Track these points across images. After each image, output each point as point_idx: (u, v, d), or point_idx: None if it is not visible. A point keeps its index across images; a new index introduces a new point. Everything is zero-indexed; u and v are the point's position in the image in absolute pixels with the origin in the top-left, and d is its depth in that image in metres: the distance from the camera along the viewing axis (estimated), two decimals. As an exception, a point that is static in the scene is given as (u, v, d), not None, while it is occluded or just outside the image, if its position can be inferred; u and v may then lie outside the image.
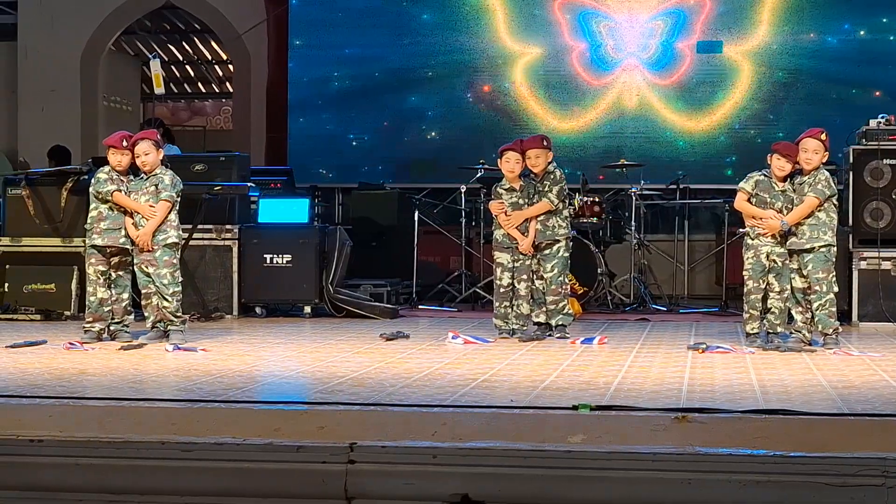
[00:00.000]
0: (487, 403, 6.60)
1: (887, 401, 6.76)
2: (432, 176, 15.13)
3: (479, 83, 15.35)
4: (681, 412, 6.14)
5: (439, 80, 15.38)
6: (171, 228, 9.72)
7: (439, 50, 15.35)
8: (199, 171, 12.17)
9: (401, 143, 15.45)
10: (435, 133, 15.36)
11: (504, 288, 10.19)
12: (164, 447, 5.57)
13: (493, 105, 15.33)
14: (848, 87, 14.75)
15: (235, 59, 17.29)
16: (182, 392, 7.03)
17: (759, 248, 9.42)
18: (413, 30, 15.40)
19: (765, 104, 14.91)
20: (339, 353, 9.14)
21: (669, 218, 14.79)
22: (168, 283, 9.63)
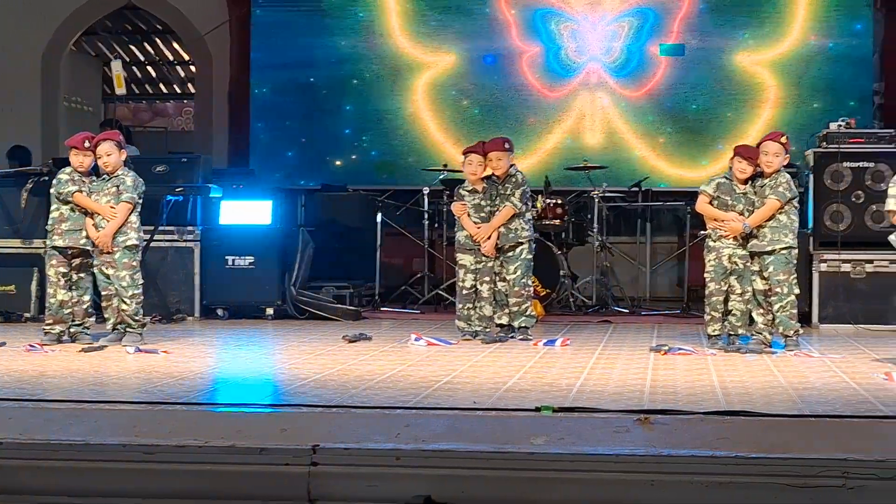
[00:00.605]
0: (450, 405, 6.60)
1: (847, 402, 6.80)
2: (395, 178, 15.12)
3: (442, 86, 15.33)
4: (643, 414, 6.16)
5: (402, 81, 15.36)
6: (131, 230, 9.67)
7: (403, 52, 15.33)
8: (161, 173, 12.13)
9: (363, 144, 15.42)
10: (398, 135, 15.33)
11: (467, 290, 10.20)
12: (126, 450, 5.54)
13: (458, 107, 15.31)
14: (809, 91, 14.81)
15: (197, 60, 17.22)
16: (143, 394, 7.00)
17: (720, 250, 9.46)
18: (375, 32, 15.36)
19: (725, 105, 14.96)
20: (301, 354, 9.12)
21: (632, 220, 14.83)
22: (127, 286, 9.59)
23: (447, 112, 15.34)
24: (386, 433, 5.71)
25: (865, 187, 11.66)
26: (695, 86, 15.02)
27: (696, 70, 15.00)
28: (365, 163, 15.39)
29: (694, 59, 14.99)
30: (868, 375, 7.96)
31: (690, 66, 15.00)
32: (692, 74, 15.01)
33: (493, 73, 15.24)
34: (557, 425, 5.93)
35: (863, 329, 11.22)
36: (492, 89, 15.27)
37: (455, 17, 15.32)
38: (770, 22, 14.94)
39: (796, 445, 5.49)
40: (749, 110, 14.88)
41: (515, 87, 15.21)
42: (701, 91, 15.00)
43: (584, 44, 15.19)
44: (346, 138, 15.44)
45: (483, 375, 7.86)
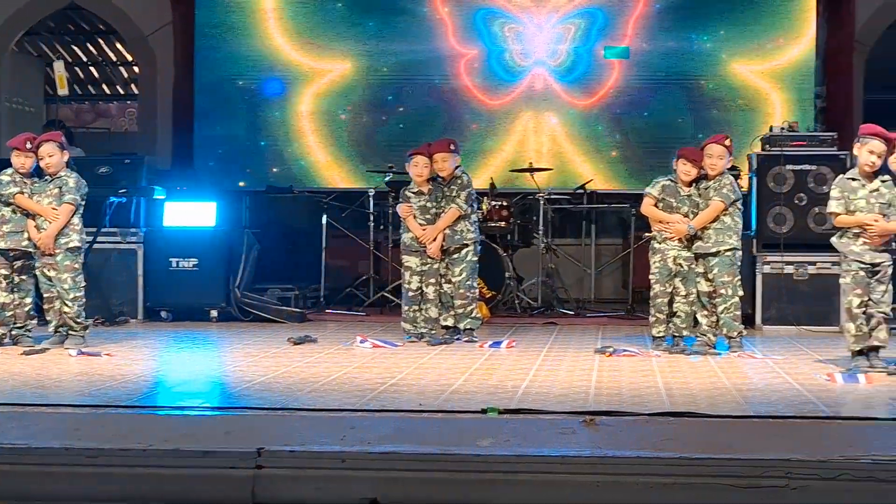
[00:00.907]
0: (396, 407, 6.60)
1: (790, 403, 6.85)
2: (341, 179, 15.08)
3: (388, 88, 15.31)
4: (588, 415, 6.18)
5: (347, 83, 15.32)
6: (73, 232, 9.60)
7: (348, 53, 15.29)
8: (104, 174, 12.04)
9: (309, 146, 15.37)
10: (343, 137, 15.29)
11: (412, 292, 10.20)
12: (68, 453, 5.48)
13: (403, 110, 15.29)
14: (752, 93, 14.90)
15: (141, 61, 17.10)
16: (86, 397, 6.95)
17: (665, 252, 9.51)
18: (320, 32, 15.32)
19: (670, 109, 15.02)
20: (246, 357, 9.08)
21: (577, 222, 14.87)
22: (69, 288, 9.52)
23: (388, 114, 15.30)
24: (331, 435, 5.69)
25: (808, 190, 11.75)
26: (645, 91, 15.05)
27: (647, 74, 15.03)
28: (310, 164, 15.33)
29: (644, 63, 15.03)
30: (810, 376, 8.03)
31: (641, 69, 15.03)
32: (642, 79, 15.04)
33: (435, 75, 15.22)
34: (503, 427, 5.94)
35: (805, 330, 11.30)
36: (433, 93, 15.24)
37: (388, 17, 15.29)
38: (717, 25, 15.01)
39: (740, 446, 5.52)
40: (697, 114, 14.93)
41: (456, 90, 15.19)
42: (652, 96, 15.03)
43: (529, 46, 15.21)
44: (291, 140, 15.37)
45: (429, 377, 7.86)
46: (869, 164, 8.31)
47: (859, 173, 8.40)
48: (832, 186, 8.63)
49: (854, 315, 8.32)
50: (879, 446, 5.49)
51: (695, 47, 15.01)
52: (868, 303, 8.33)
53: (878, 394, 7.31)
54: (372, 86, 15.29)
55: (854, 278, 8.34)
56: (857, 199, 8.35)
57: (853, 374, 7.98)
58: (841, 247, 8.44)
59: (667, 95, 15.03)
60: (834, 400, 7.02)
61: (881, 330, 8.32)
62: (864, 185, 8.36)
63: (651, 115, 15.03)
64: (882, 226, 8.23)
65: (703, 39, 15.00)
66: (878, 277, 8.33)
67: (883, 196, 8.30)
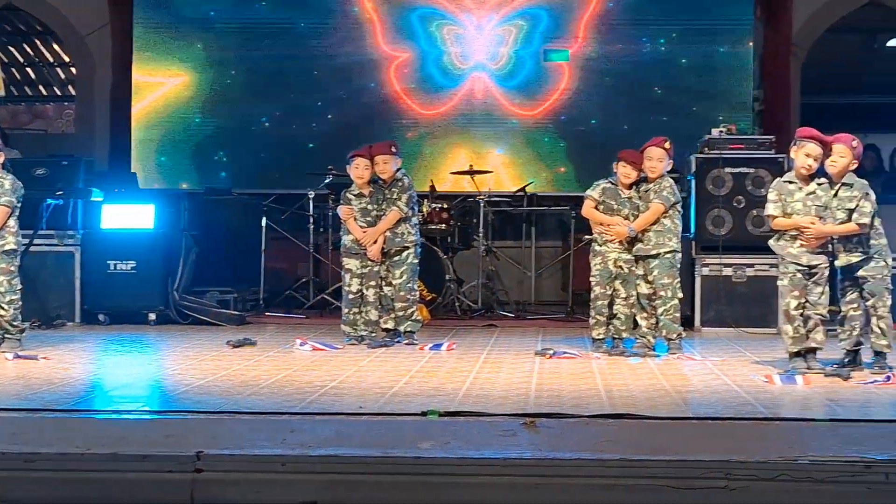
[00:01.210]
0: (336, 410, 6.58)
1: (729, 404, 6.90)
2: (280, 182, 15.01)
3: (329, 90, 15.27)
4: (529, 417, 6.19)
5: (287, 85, 15.25)
6: (9, 234, 9.50)
7: (288, 55, 15.23)
8: (41, 176, 11.93)
9: (248, 148, 15.28)
10: (283, 139, 15.23)
11: (353, 294, 10.18)
12: (5, 458, 5.43)
13: (345, 112, 15.25)
14: (691, 96, 14.98)
15: (78, 62, 16.95)
16: (23, 401, 6.88)
17: (606, 254, 9.55)
18: (262, 34, 15.25)
19: (610, 112, 15.07)
20: (185, 360, 9.03)
21: (517, 224, 14.89)
22: (5, 291, 9.43)
23: (327, 116, 15.25)
24: (271, 439, 5.67)
25: (746, 192, 11.83)
26: (586, 94, 15.08)
27: (587, 77, 15.08)
28: (249, 166, 15.26)
29: (585, 66, 15.07)
30: (749, 378, 8.09)
31: (581, 72, 15.07)
32: (581, 81, 15.08)
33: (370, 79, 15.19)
34: (444, 429, 5.94)
35: (743, 332, 11.38)
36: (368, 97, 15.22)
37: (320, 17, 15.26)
38: (658, 29, 15.07)
39: (680, 447, 5.55)
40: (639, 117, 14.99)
41: (392, 95, 15.17)
42: (593, 100, 15.07)
43: (468, 49, 15.21)
44: (230, 142, 15.29)
45: (369, 380, 7.84)
46: (805, 166, 8.37)
47: (796, 176, 8.47)
48: (769, 189, 8.70)
49: (791, 317, 8.38)
50: (817, 447, 5.53)
51: (637, 51, 15.05)
52: (805, 305, 8.40)
53: (815, 395, 7.37)
54: (304, 89, 15.22)
55: (791, 280, 8.40)
56: (794, 202, 8.41)
57: (791, 375, 8.04)
58: (778, 249, 8.51)
59: (608, 99, 15.06)
60: (772, 401, 7.07)
61: (818, 332, 8.39)
62: (800, 187, 8.43)
63: (593, 118, 15.06)
64: (819, 228, 8.30)
65: (645, 43, 15.05)
66: (815, 279, 8.39)
67: (819, 199, 8.37)
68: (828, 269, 8.43)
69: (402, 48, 15.20)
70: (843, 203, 8.28)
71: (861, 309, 8.41)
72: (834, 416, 6.57)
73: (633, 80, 15.05)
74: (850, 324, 8.42)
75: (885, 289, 8.35)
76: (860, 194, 8.27)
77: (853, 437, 5.78)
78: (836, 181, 8.35)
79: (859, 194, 8.27)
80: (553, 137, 15.10)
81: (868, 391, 7.54)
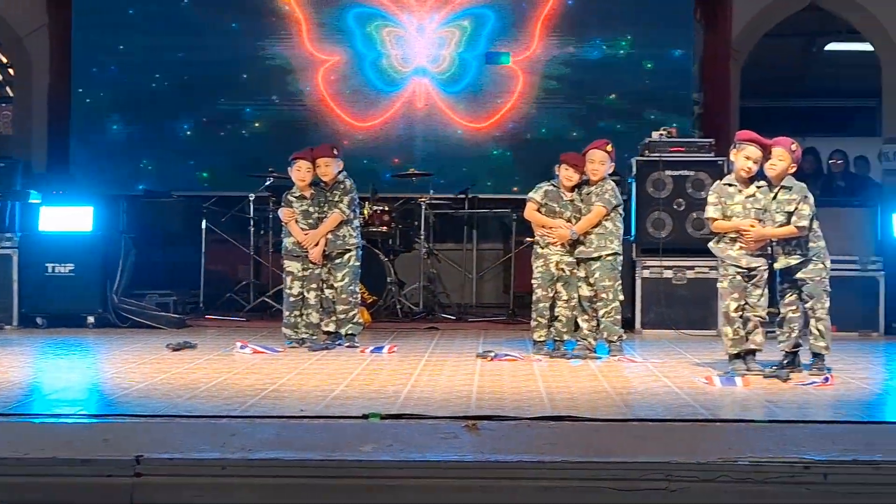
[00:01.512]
0: (277, 413, 6.55)
1: (669, 406, 6.92)
2: (220, 184, 14.94)
3: (269, 91, 15.21)
4: (471, 420, 6.18)
5: (227, 88, 15.19)
6: (-53, 236, 9.41)
7: (230, 57, 15.16)
8: (-22, 178, 11.82)
9: (187, 151, 15.21)
10: (222, 140, 15.17)
11: (294, 297, 10.15)
12: (-59, 463, 5.37)
13: (285, 113, 15.20)
14: (632, 99, 15.05)
15: (16, 63, 16.80)
16: (-41, 405, 6.80)
17: (548, 256, 9.57)
18: (204, 35, 15.17)
19: (551, 114, 15.12)
20: (124, 363, 8.96)
21: (458, 227, 14.90)
22: (-56, 294, 9.33)
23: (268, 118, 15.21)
24: (212, 442, 5.64)
25: (686, 195, 11.90)
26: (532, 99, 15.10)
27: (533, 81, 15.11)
28: (189, 168, 15.18)
29: (532, 70, 15.11)
30: (689, 380, 8.13)
31: (528, 76, 15.10)
32: (530, 86, 15.11)
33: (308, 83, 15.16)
34: (386, 432, 5.93)
35: (684, 334, 11.44)
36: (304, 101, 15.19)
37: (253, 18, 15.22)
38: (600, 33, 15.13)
39: (620, 449, 5.56)
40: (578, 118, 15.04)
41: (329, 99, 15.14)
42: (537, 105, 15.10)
43: (409, 52, 15.20)
44: (170, 143, 15.20)
45: (310, 383, 7.82)
46: (745, 169, 8.43)
47: (736, 179, 8.52)
48: (710, 192, 8.74)
49: (732, 319, 8.43)
50: (757, 448, 5.56)
51: (579, 55, 15.11)
52: (745, 307, 8.45)
53: (754, 396, 7.42)
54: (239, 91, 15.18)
55: (731, 282, 8.45)
56: (734, 205, 8.46)
57: (730, 377, 8.08)
58: (718, 252, 8.55)
59: (550, 102, 15.11)
60: (712, 403, 7.10)
61: (757, 333, 8.45)
62: (740, 190, 8.48)
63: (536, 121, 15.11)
64: (758, 231, 8.36)
65: (587, 47, 15.10)
66: (755, 281, 8.45)
67: (759, 201, 8.42)
68: (767, 271, 8.48)
69: (336, 50, 15.16)
70: (783, 206, 8.34)
71: (800, 311, 8.48)
72: (773, 417, 6.61)
73: (575, 83, 15.10)
74: (788, 325, 8.48)
75: (824, 291, 8.41)
76: (799, 197, 8.33)
77: (792, 438, 5.82)
78: (775, 184, 8.41)
79: (798, 197, 8.33)
80: (496, 140, 15.12)
81: (807, 392, 7.60)
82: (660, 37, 15.07)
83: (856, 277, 11.61)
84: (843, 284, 10.94)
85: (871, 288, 11.68)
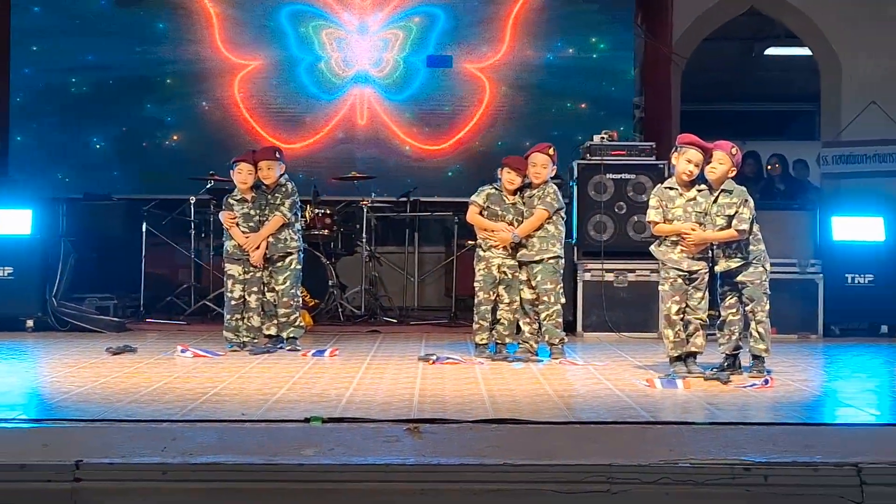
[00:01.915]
0: (218, 417, 6.52)
1: (611, 409, 6.95)
2: (161, 187, 14.85)
3: (210, 93, 15.14)
4: (412, 423, 6.18)
5: (170, 89, 15.10)
6: None
7: (172, 59, 15.08)
8: (-87, 180, 11.69)
9: (128, 153, 15.09)
10: (164, 143, 15.08)
11: (235, 300, 10.11)
12: None
13: (226, 115, 15.13)
14: (573, 103, 15.10)
15: (-47, 65, 16.65)
16: None
17: (490, 259, 9.58)
18: (145, 38, 15.07)
19: (493, 119, 15.13)
20: (63, 367, 8.88)
21: (400, 230, 14.89)
22: None
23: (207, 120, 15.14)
24: (152, 447, 5.60)
25: (627, 198, 11.96)
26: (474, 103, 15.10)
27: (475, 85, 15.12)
28: (129, 171, 15.07)
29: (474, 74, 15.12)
30: (631, 382, 8.16)
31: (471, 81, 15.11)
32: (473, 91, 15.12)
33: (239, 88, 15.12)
34: (327, 436, 5.91)
35: (625, 337, 11.49)
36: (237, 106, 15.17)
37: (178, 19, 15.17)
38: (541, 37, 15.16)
39: (563, 452, 5.58)
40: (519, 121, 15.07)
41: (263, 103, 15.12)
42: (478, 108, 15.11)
43: (350, 54, 15.17)
44: (110, 146, 15.09)
45: (251, 387, 7.79)
46: (686, 172, 8.47)
47: (677, 182, 8.57)
48: (651, 195, 8.79)
49: (673, 321, 8.48)
50: (697, 450, 5.60)
51: (521, 58, 15.13)
52: (686, 309, 8.50)
53: (695, 398, 7.46)
54: (194, 92, 15.12)
55: (672, 285, 8.50)
56: (675, 208, 8.51)
57: (671, 379, 8.12)
58: (659, 255, 8.60)
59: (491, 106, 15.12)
60: (653, 405, 7.14)
61: (698, 336, 8.50)
62: (681, 193, 8.52)
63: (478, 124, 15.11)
64: (700, 235, 8.40)
65: (529, 51, 15.13)
66: (696, 284, 8.50)
67: (700, 205, 8.47)
68: (707, 274, 8.53)
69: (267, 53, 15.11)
70: (723, 209, 8.40)
71: (740, 314, 8.54)
72: (713, 419, 6.65)
73: (517, 88, 15.12)
74: (729, 328, 8.54)
75: (764, 294, 8.48)
76: (739, 201, 8.39)
77: (733, 440, 5.86)
78: (715, 188, 8.47)
79: (738, 201, 8.39)
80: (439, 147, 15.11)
81: (747, 395, 7.66)
82: (601, 41, 15.13)
83: (795, 280, 11.72)
84: (783, 287, 11.07)
85: (809, 291, 11.78)
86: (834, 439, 6.03)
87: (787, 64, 19.99)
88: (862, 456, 5.46)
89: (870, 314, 12.08)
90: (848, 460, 5.41)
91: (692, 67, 16.31)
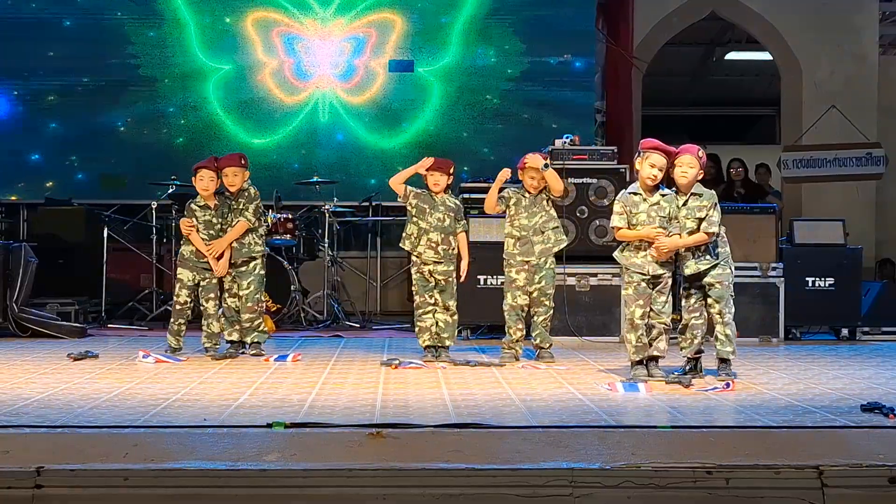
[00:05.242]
0: (180, 423, 6.49)
1: (573, 413, 6.96)
2: (122, 192, 14.80)
3: (172, 98, 15.10)
4: (375, 428, 6.18)
5: (132, 94, 15.08)
6: None
7: (132, 63, 15.04)
8: None
9: (89, 158, 15.05)
10: (126, 148, 15.03)
11: (180, 305, 10.15)
12: None
13: (188, 120, 15.10)
14: (535, 107, 15.13)
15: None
16: None
17: (421, 266, 9.77)
18: (106, 40, 15.02)
19: (455, 122, 15.16)
20: (24, 374, 8.83)
21: (362, 235, 14.88)
22: None
23: (162, 127, 15.10)
24: (114, 453, 5.58)
25: (589, 203, 11.96)
26: (436, 107, 15.14)
27: (437, 88, 15.15)
28: (90, 176, 15.01)
29: (437, 77, 15.14)
30: (593, 386, 8.18)
31: (434, 84, 15.13)
32: (433, 94, 15.14)
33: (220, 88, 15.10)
34: (290, 441, 5.90)
35: (587, 341, 11.50)
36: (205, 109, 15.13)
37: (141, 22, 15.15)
38: (502, 40, 15.20)
39: (525, 456, 5.59)
40: (482, 127, 15.09)
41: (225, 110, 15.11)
42: (440, 112, 15.14)
43: (312, 58, 15.16)
44: (70, 151, 15.04)
45: (214, 392, 7.76)
46: (650, 177, 8.49)
47: (641, 187, 8.58)
48: (615, 201, 8.79)
49: (636, 326, 8.49)
50: (660, 453, 5.62)
51: (483, 62, 15.17)
52: (649, 313, 8.52)
53: (657, 402, 7.48)
54: (156, 97, 15.08)
55: (636, 290, 8.52)
56: (639, 213, 8.52)
57: (634, 383, 8.14)
58: (623, 260, 8.61)
59: (453, 110, 15.16)
60: (615, 409, 7.15)
61: (661, 340, 8.52)
62: (645, 198, 8.54)
63: (441, 128, 15.14)
64: (672, 242, 8.41)
65: (491, 54, 15.18)
66: (659, 288, 8.52)
67: (664, 209, 8.49)
68: (671, 278, 8.56)
69: (232, 58, 15.08)
70: (693, 213, 8.43)
71: (703, 317, 8.56)
72: (676, 422, 6.67)
73: (478, 90, 15.15)
74: (691, 332, 8.56)
75: (730, 296, 8.52)
76: (710, 204, 8.43)
77: (694, 444, 5.88)
78: (685, 192, 8.49)
79: (709, 204, 8.43)
80: (400, 151, 15.12)
81: (708, 398, 7.68)
82: (562, 46, 15.17)
83: (756, 283, 11.77)
84: (744, 290, 11.13)
85: (771, 294, 11.84)
86: (795, 442, 6.05)
87: (747, 68, 20.11)
88: (823, 459, 5.50)
89: (830, 318, 12.16)
90: (809, 463, 5.45)
91: (653, 72, 16.39)
